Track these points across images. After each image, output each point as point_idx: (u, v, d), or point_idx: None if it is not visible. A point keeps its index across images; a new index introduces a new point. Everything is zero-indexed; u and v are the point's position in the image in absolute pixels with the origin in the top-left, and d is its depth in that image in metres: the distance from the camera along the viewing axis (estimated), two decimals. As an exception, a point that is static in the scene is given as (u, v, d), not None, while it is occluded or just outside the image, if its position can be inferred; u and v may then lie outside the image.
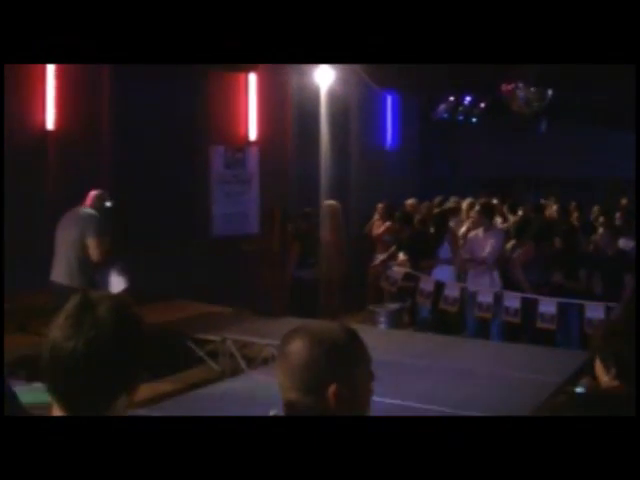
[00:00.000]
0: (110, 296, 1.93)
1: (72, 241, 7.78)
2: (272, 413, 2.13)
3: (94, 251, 7.67)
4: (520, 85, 13.80)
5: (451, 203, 13.47)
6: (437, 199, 14.11)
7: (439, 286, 9.95)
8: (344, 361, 2.09)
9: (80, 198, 10.42)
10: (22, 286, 8.34)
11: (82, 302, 1.85)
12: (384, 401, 5.07)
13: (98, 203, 8.16)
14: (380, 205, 12.98)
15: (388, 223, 12.32)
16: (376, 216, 12.96)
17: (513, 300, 9.38)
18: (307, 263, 10.89)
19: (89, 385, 1.77)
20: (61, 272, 7.77)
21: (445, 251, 10.52)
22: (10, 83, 9.99)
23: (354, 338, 2.16)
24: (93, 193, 8.29)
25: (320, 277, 10.97)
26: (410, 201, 13.49)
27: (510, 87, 13.90)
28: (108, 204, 8.21)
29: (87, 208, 8.08)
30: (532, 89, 13.99)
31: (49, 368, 1.80)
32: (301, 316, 9.64)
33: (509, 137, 18.95)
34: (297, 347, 2.09)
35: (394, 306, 10.75)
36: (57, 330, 1.81)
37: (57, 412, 1.82)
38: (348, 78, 13.48)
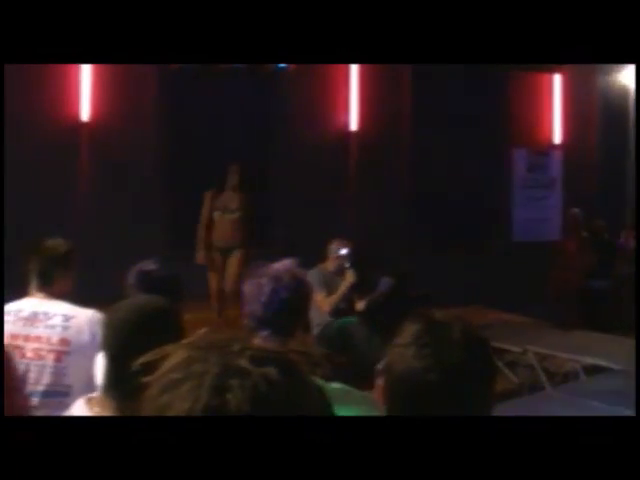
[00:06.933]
0: (457, 316, 1.80)
1: None
2: None
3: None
4: None
5: None
6: None
7: None
8: None
9: (381, 196, 10.59)
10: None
11: (433, 325, 1.73)
12: None
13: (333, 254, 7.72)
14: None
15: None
16: None
17: None
18: (603, 273, 10.37)
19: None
20: None
21: None
22: (312, 83, 10.32)
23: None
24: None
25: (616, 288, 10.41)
26: None
27: None
28: (343, 252, 7.66)
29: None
30: None
31: (406, 397, 1.69)
32: (597, 329, 9.17)
33: None
34: None
35: None
36: (413, 359, 1.67)
37: None
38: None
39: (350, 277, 7.69)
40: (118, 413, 2.19)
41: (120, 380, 2.17)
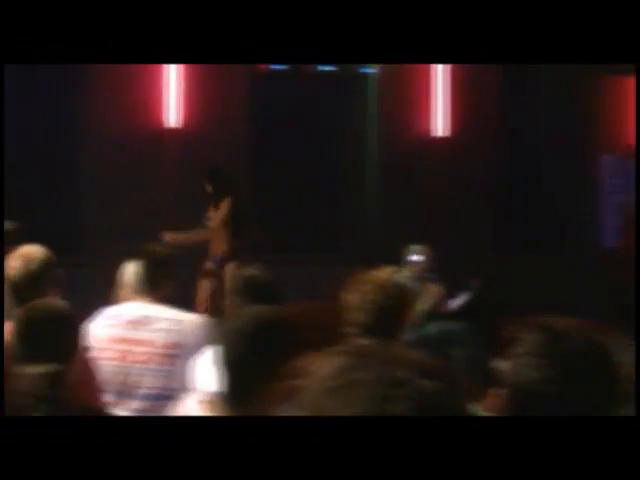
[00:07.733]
0: (577, 326, 1.79)
1: None
2: None
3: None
4: None
5: None
6: None
7: None
8: None
9: (463, 198, 10.45)
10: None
11: (554, 336, 1.73)
12: None
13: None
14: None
15: None
16: None
17: None
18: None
19: None
20: None
21: None
22: (398, 87, 10.30)
23: None
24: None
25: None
26: None
27: None
28: (420, 258, 7.59)
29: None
30: None
31: (526, 408, 1.70)
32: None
33: None
34: None
35: None
36: (534, 370, 1.67)
37: None
38: None
39: (435, 292, 7.56)
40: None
41: (241, 389, 2.21)
